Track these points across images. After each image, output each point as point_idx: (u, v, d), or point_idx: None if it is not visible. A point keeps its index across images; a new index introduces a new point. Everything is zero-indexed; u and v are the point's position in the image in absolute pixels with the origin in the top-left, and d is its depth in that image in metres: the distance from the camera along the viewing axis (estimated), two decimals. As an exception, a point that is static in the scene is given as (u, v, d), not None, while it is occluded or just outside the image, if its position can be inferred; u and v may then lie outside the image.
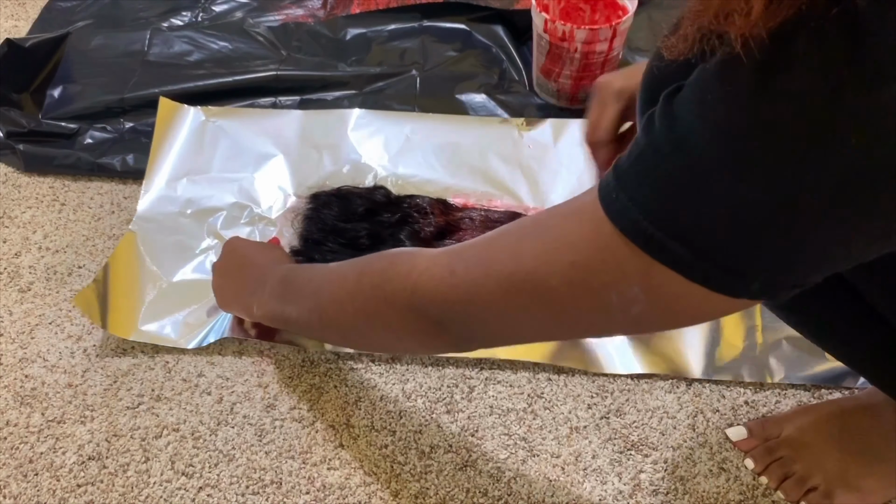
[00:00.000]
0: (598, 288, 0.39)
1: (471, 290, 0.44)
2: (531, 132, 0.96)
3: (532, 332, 0.47)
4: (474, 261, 0.45)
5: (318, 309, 0.58)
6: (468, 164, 0.93)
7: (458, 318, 0.47)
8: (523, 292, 0.42)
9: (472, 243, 0.46)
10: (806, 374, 0.75)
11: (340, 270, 0.57)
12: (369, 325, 0.53)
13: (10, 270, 0.86)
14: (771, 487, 0.68)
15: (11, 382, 0.76)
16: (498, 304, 0.44)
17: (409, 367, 0.77)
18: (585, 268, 0.39)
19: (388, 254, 0.53)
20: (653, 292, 0.37)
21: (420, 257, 0.49)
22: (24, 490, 0.69)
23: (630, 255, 0.36)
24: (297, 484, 0.69)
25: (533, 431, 0.73)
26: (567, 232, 0.40)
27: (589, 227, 0.38)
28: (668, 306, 0.38)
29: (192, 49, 1.08)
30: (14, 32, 1.15)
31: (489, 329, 0.47)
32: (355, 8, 1.16)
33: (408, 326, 0.50)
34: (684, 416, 0.73)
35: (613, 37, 0.92)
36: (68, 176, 0.96)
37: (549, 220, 0.42)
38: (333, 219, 0.86)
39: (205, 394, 0.75)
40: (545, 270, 0.40)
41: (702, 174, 0.33)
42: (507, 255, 0.43)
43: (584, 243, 0.39)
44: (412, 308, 0.48)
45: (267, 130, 0.96)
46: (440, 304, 0.46)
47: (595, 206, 0.38)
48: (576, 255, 0.39)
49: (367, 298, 0.52)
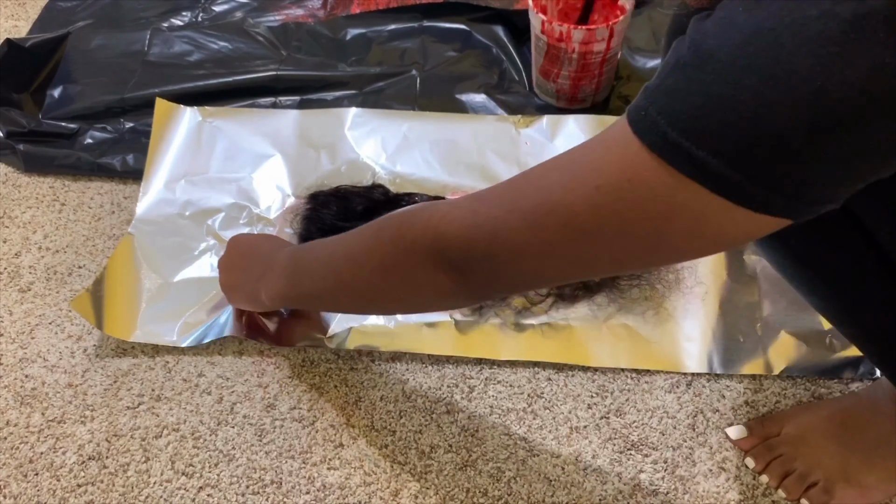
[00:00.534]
0: (623, 210, 0.38)
1: (495, 228, 0.44)
2: (528, 129, 0.96)
3: (556, 269, 0.45)
4: (498, 199, 0.44)
5: (334, 273, 0.57)
6: (466, 162, 0.93)
7: (481, 260, 0.45)
8: (548, 225, 0.41)
9: (494, 186, 0.46)
10: (806, 367, 0.75)
11: (356, 231, 0.56)
12: (387, 281, 0.52)
13: (10, 270, 0.86)
14: (772, 486, 0.68)
15: (11, 382, 0.76)
16: (522, 239, 0.43)
17: (409, 368, 0.77)
18: (611, 190, 0.38)
19: (406, 209, 0.52)
20: (678, 209, 0.37)
21: (441, 204, 0.48)
22: (24, 490, 0.69)
23: (657, 170, 0.36)
24: (297, 484, 0.69)
25: (533, 431, 0.73)
26: (594, 157, 0.40)
27: (616, 148, 0.38)
28: (693, 226, 0.37)
29: (192, 49, 1.08)
30: (14, 32, 1.15)
31: (512, 269, 0.45)
32: (355, 8, 1.16)
33: (428, 276, 0.49)
34: (684, 416, 0.73)
35: (611, 37, 0.92)
36: (68, 176, 0.96)
37: (576, 151, 0.42)
38: (332, 218, 0.86)
39: (205, 394, 0.75)
40: (571, 198, 0.40)
41: (731, 83, 0.33)
42: (532, 189, 0.42)
43: (610, 165, 0.38)
44: (434, 253, 0.47)
45: (264, 130, 0.96)
46: (463, 246, 0.45)
47: (623, 128, 0.38)
48: (601, 179, 0.39)
49: (385, 252, 0.51)
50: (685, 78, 0.35)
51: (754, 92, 0.33)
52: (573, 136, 0.95)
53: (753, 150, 0.34)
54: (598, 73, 0.97)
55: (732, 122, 0.34)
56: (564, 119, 0.97)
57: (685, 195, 0.36)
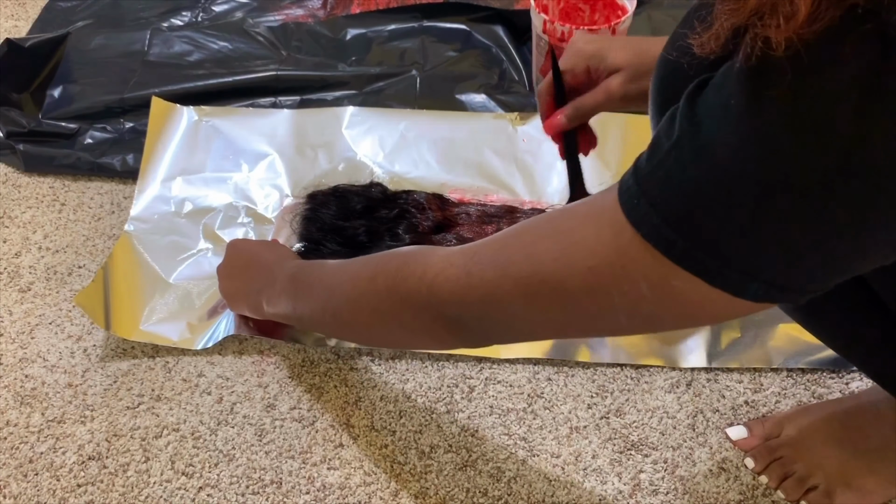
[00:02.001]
0: (616, 293, 0.39)
1: (488, 291, 0.45)
2: (525, 126, 0.97)
3: (548, 330, 0.47)
4: (490, 262, 0.45)
5: (332, 309, 0.58)
6: (463, 160, 0.94)
7: (475, 318, 0.47)
8: (540, 294, 0.42)
9: (486, 243, 0.46)
10: (804, 360, 0.75)
11: (353, 270, 0.57)
12: (384, 324, 0.54)
13: (10, 270, 0.86)
14: (771, 487, 0.68)
15: (11, 382, 0.76)
16: (515, 304, 0.44)
17: (409, 367, 0.77)
18: (604, 273, 0.39)
19: (400, 253, 0.53)
20: (674, 297, 0.37)
21: (434, 257, 0.49)
22: (24, 490, 0.69)
23: (651, 260, 0.37)
24: (297, 484, 0.69)
25: (533, 431, 0.73)
26: (586, 236, 0.40)
27: (609, 231, 0.38)
28: (688, 310, 0.38)
29: (192, 49, 1.08)
30: (14, 32, 1.15)
31: (506, 327, 0.47)
32: (355, 8, 1.16)
33: (424, 325, 0.50)
34: (684, 416, 0.73)
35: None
36: (68, 176, 0.96)
37: (567, 223, 0.42)
38: (331, 218, 0.86)
39: (205, 394, 0.75)
40: (563, 274, 0.41)
41: (726, 182, 0.33)
42: (523, 257, 0.43)
43: (603, 248, 0.39)
44: (429, 308, 0.49)
45: (261, 130, 0.96)
46: (458, 305, 0.47)
47: (615, 210, 0.38)
48: (594, 260, 0.39)
49: (381, 299, 0.52)
50: (678, 170, 0.35)
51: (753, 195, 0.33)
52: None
53: (753, 252, 0.34)
54: (599, 73, 0.97)
55: (729, 223, 0.34)
56: None
57: (682, 285, 0.37)
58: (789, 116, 0.31)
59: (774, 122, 0.32)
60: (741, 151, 0.33)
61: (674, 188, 0.35)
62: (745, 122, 0.32)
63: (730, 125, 0.33)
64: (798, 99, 0.31)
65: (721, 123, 0.33)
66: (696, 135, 0.34)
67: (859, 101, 0.29)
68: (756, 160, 0.32)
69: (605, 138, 0.82)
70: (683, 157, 0.35)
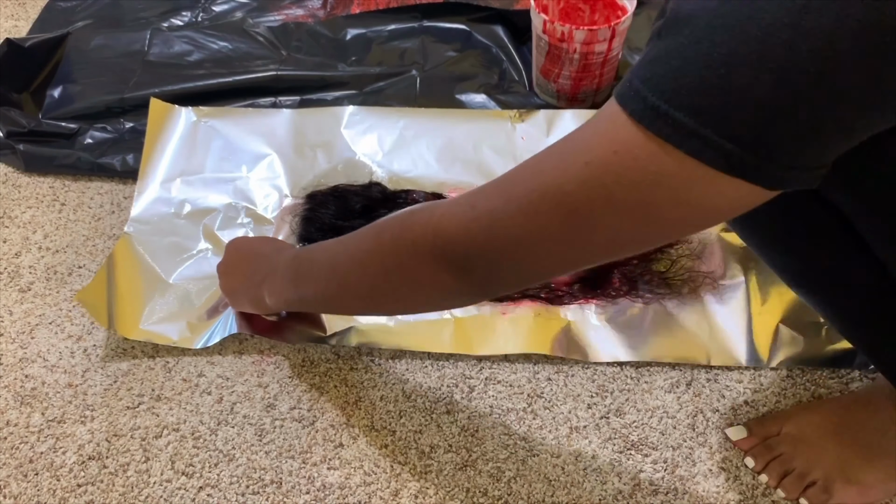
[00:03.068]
0: (611, 183, 0.38)
1: (492, 219, 0.44)
2: (524, 124, 0.97)
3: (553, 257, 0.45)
4: (495, 190, 0.45)
5: (337, 276, 0.57)
6: (462, 158, 0.94)
7: (481, 254, 0.46)
8: (541, 208, 0.42)
9: (492, 181, 0.46)
10: (802, 358, 0.76)
11: (357, 234, 0.56)
12: (390, 281, 0.53)
13: (10, 270, 0.86)
14: (771, 485, 0.68)
15: (11, 382, 0.76)
16: (519, 226, 0.43)
17: (409, 367, 0.77)
18: (599, 164, 0.39)
19: (404, 211, 0.52)
20: (662, 177, 0.37)
21: (440, 203, 0.49)
22: (24, 490, 0.69)
23: (640, 137, 0.36)
24: (297, 484, 0.69)
25: (533, 431, 0.73)
26: (584, 136, 0.40)
27: (604, 123, 0.39)
28: (677, 194, 0.38)
29: (192, 49, 1.08)
30: (14, 32, 1.15)
31: (511, 261, 0.46)
32: (355, 8, 1.16)
33: (430, 275, 0.49)
34: (684, 416, 0.73)
35: (612, 37, 0.92)
36: (68, 176, 0.96)
37: (571, 133, 0.42)
38: (331, 217, 0.86)
39: (205, 394, 0.75)
40: (562, 178, 0.40)
41: (707, 42, 0.34)
42: (527, 174, 0.43)
43: (598, 140, 0.39)
44: (435, 251, 0.48)
45: (260, 130, 0.96)
46: (463, 241, 0.46)
47: (611, 104, 0.38)
48: (590, 154, 0.39)
49: (387, 252, 0.51)
50: (664, 45, 0.36)
51: (728, 49, 0.33)
52: (569, 130, 0.95)
53: (728, 108, 0.34)
54: (599, 73, 0.97)
55: (708, 81, 0.34)
56: (560, 114, 0.97)
57: (667, 161, 0.36)
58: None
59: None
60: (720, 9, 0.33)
61: (661, 61, 0.36)
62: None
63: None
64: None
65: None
66: (680, 10, 0.35)
67: None
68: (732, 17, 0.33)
69: None
70: (669, 31, 0.36)
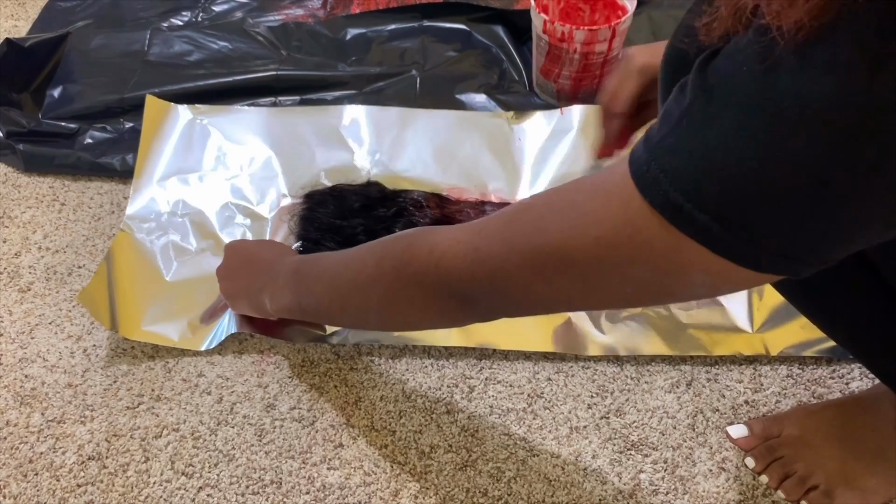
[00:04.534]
0: (623, 263, 0.39)
1: (496, 266, 0.45)
2: (521, 124, 0.97)
3: (557, 302, 0.47)
4: (498, 236, 0.45)
5: (339, 297, 0.58)
6: (460, 158, 0.94)
7: (484, 293, 0.47)
8: (548, 266, 0.42)
9: (493, 218, 0.47)
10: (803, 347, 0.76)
11: (357, 256, 0.57)
12: (394, 306, 0.54)
13: (10, 270, 0.86)
14: (771, 487, 0.68)
15: (11, 382, 0.76)
16: (523, 277, 0.44)
17: (409, 367, 0.77)
18: (612, 243, 0.39)
19: (404, 235, 0.53)
20: (679, 266, 0.37)
21: (439, 235, 0.49)
22: (24, 490, 0.69)
23: (658, 228, 0.36)
24: (297, 484, 0.69)
25: (533, 431, 0.73)
26: (594, 207, 0.40)
27: (617, 201, 0.38)
28: (693, 279, 0.38)
29: (192, 49, 1.08)
30: (14, 32, 1.15)
31: (515, 301, 0.47)
32: (355, 8, 1.16)
33: (435, 304, 0.50)
34: (684, 416, 0.73)
35: (613, 37, 0.92)
36: (68, 176, 0.96)
37: (575, 195, 0.42)
38: (330, 217, 0.86)
39: (205, 394, 0.75)
40: (571, 245, 0.41)
41: (736, 150, 0.33)
42: (531, 230, 0.43)
43: (611, 218, 0.39)
44: (438, 286, 0.49)
45: (256, 128, 0.96)
46: (467, 281, 0.47)
47: (624, 180, 0.38)
48: (602, 230, 0.39)
49: (390, 281, 0.52)
50: (689, 137, 0.35)
51: (761, 162, 0.33)
52: (567, 130, 0.95)
53: (758, 219, 0.34)
54: (600, 73, 0.97)
55: (737, 189, 0.34)
56: (557, 114, 0.97)
57: (688, 255, 0.36)
58: (798, 86, 0.31)
59: (785, 91, 0.31)
60: (750, 121, 0.33)
61: (684, 155, 0.35)
62: (755, 92, 0.32)
63: (740, 94, 0.33)
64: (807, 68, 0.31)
65: (732, 91, 0.33)
66: (709, 101, 0.34)
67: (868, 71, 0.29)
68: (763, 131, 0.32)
69: None
70: (695, 123, 0.35)
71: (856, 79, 0.30)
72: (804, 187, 0.32)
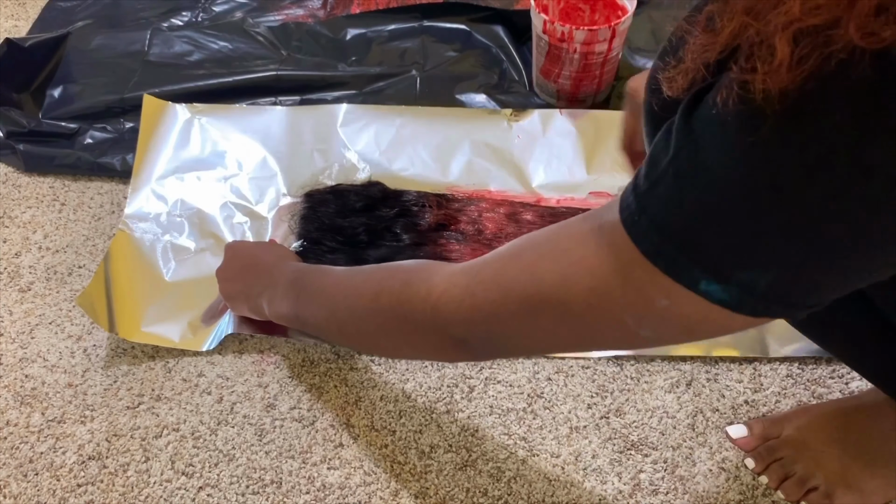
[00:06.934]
0: (618, 311, 0.39)
1: (492, 311, 0.45)
2: (520, 123, 0.97)
3: (553, 346, 0.48)
4: (493, 282, 0.45)
5: (336, 322, 0.59)
6: (458, 156, 0.94)
7: (480, 337, 0.48)
8: (543, 313, 0.43)
9: (488, 262, 0.47)
10: (803, 348, 0.76)
11: (355, 285, 0.57)
12: (389, 340, 0.55)
13: (10, 270, 0.86)
14: (771, 487, 0.68)
15: (11, 382, 0.76)
16: (519, 323, 0.44)
17: (409, 367, 0.77)
18: (605, 293, 0.39)
19: (402, 270, 0.53)
20: (674, 314, 0.38)
21: (436, 277, 0.49)
22: (24, 490, 0.69)
23: (652, 278, 0.37)
24: (297, 484, 0.69)
25: (533, 431, 0.73)
26: (586, 255, 0.40)
27: (609, 250, 0.39)
28: (689, 325, 0.38)
29: (192, 49, 1.08)
30: (14, 32, 1.15)
31: (511, 345, 0.48)
32: (355, 8, 1.16)
33: (430, 343, 0.51)
34: (684, 416, 0.73)
35: (612, 37, 0.92)
36: (68, 176, 0.96)
37: (567, 242, 0.42)
38: (330, 216, 0.86)
39: (205, 394, 0.75)
40: (565, 294, 0.41)
41: (727, 202, 0.33)
42: (525, 277, 0.43)
43: (603, 267, 0.39)
44: (434, 328, 0.49)
45: (255, 127, 0.96)
46: (462, 325, 0.47)
47: (615, 228, 0.38)
48: (595, 280, 0.39)
49: (386, 318, 0.53)
50: (677, 188, 0.35)
51: (752, 215, 0.33)
52: (565, 130, 0.95)
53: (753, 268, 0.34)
54: (600, 73, 0.97)
55: (730, 240, 0.34)
56: (555, 113, 0.97)
57: (682, 302, 0.37)
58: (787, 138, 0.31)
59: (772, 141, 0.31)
60: (740, 175, 0.33)
61: (674, 205, 0.35)
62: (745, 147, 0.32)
63: (729, 145, 0.33)
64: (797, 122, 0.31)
65: (720, 143, 0.33)
66: (694, 151, 0.34)
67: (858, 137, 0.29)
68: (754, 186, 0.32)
69: None
70: (682, 174, 0.35)
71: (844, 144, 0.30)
72: (798, 240, 0.33)
